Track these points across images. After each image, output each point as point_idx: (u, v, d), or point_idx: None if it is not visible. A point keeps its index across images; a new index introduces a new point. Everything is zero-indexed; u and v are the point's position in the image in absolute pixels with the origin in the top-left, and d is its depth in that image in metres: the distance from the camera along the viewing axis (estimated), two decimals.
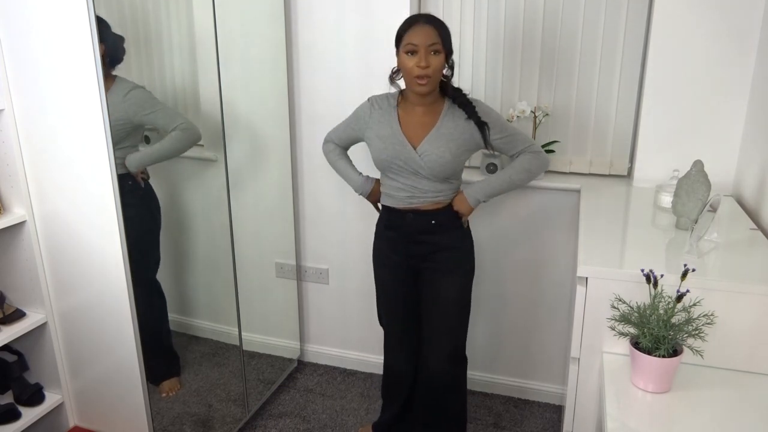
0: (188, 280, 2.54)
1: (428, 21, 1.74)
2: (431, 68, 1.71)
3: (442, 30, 1.73)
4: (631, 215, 1.96)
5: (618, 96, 2.28)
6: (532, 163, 1.88)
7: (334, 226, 2.64)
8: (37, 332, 2.05)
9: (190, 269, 2.50)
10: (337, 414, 2.50)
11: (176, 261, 2.48)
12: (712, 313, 1.36)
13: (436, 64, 1.72)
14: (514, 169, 1.88)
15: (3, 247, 2.00)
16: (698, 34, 2.02)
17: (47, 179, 1.89)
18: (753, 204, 1.90)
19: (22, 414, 2.02)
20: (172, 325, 2.48)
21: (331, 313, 2.79)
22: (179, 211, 2.43)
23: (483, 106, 1.86)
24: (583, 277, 1.48)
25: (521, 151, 1.88)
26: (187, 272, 2.52)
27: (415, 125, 1.84)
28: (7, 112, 1.84)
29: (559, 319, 2.45)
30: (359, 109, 1.96)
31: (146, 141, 2.28)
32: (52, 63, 1.73)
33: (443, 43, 1.72)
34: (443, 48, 1.73)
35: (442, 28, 1.74)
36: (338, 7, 2.35)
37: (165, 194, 2.38)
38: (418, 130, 1.83)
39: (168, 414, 2.28)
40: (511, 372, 2.59)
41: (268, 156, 2.48)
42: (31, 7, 1.70)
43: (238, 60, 2.19)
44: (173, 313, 2.48)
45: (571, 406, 1.59)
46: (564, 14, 2.25)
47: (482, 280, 2.49)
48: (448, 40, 1.76)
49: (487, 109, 1.87)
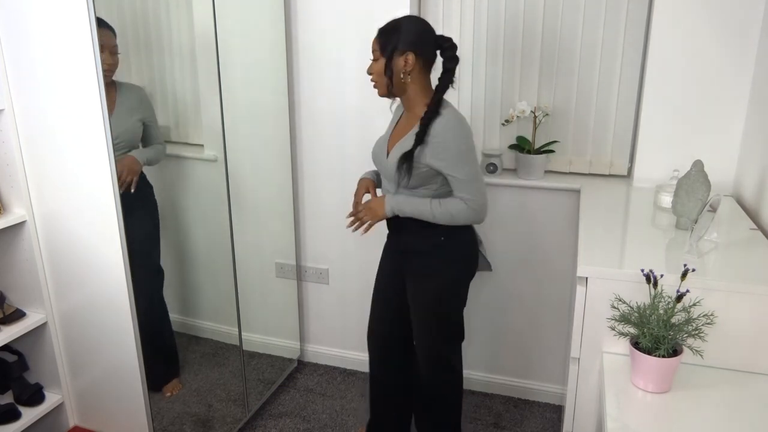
0: (188, 280, 2.54)
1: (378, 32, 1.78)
2: (373, 74, 1.77)
3: (381, 37, 1.75)
4: (631, 215, 1.96)
5: (618, 96, 2.28)
6: (461, 213, 1.73)
7: (334, 226, 2.64)
8: (37, 332, 2.05)
9: (190, 269, 2.50)
10: (337, 414, 2.50)
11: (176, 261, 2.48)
12: (712, 313, 1.36)
13: (375, 68, 1.76)
14: (442, 207, 1.74)
15: (3, 247, 2.00)
16: (698, 34, 2.02)
17: (47, 179, 1.89)
18: (753, 204, 1.90)
19: (22, 414, 2.02)
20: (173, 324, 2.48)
21: (331, 313, 2.79)
22: (179, 211, 2.43)
23: (451, 134, 1.68)
24: (583, 277, 1.48)
25: (461, 198, 1.73)
26: (187, 272, 2.52)
27: (397, 131, 1.86)
28: (7, 112, 1.83)
29: (559, 319, 2.45)
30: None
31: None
32: (52, 63, 1.73)
33: (381, 50, 1.74)
34: (381, 54, 1.74)
35: (381, 35, 1.75)
36: (338, 8, 2.35)
37: (165, 194, 2.38)
38: (396, 136, 1.84)
39: (168, 414, 2.28)
40: (511, 372, 2.59)
41: (268, 156, 2.48)
42: (31, 8, 1.70)
43: (238, 60, 2.19)
44: (173, 313, 2.49)
45: (571, 406, 1.59)
46: (564, 14, 2.25)
47: (482, 280, 2.49)
48: (388, 44, 1.72)
49: (451, 141, 1.68)
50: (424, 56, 1.74)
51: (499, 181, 2.35)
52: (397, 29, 1.73)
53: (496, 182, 2.35)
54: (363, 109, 2.41)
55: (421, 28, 1.75)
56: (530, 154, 2.33)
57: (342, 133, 2.49)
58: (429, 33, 1.75)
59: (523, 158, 2.33)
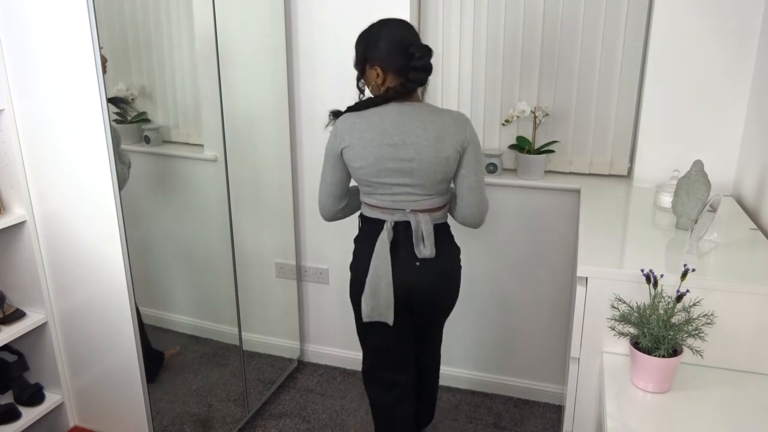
0: (188, 280, 2.54)
1: None
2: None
3: (355, 48, 1.75)
4: (631, 215, 1.96)
5: (618, 96, 2.28)
6: None
7: (334, 226, 2.63)
8: (37, 332, 2.05)
9: (190, 269, 2.49)
10: (337, 414, 2.50)
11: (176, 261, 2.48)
12: (712, 313, 1.36)
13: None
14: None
15: (3, 247, 2.00)
16: (698, 34, 2.02)
17: (47, 179, 1.89)
18: (753, 204, 1.90)
19: (22, 414, 2.02)
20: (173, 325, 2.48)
21: (331, 313, 2.79)
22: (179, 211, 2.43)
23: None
24: (583, 277, 1.48)
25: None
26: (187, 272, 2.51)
27: None
28: (7, 112, 1.83)
29: (559, 319, 2.45)
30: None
31: (146, 141, 2.28)
32: (52, 63, 1.73)
33: (354, 62, 1.76)
34: (354, 66, 1.77)
35: (355, 46, 1.75)
36: (338, 8, 2.35)
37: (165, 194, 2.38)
38: None
39: (168, 414, 2.28)
40: (511, 372, 2.59)
41: (268, 156, 2.48)
42: (32, 7, 1.70)
43: (238, 60, 2.19)
44: (174, 313, 2.48)
45: (571, 406, 1.59)
46: (564, 14, 2.25)
47: (482, 280, 2.49)
48: (358, 56, 1.74)
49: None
50: (393, 68, 1.68)
51: (499, 181, 2.35)
52: (367, 41, 1.70)
53: (496, 182, 2.35)
54: None
55: (391, 40, 1.67)
56: (530, 154, 2.33)
57: None
58: (399, 44, 1.66)
59: (523, 158, 2.33)
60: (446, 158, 1.67)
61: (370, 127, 1.66)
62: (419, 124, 1.66)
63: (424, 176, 1.67)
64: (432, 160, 1.65)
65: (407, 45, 1.67)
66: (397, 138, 1.65)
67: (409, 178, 1.68)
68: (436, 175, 1.68)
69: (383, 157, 1.66)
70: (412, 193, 1.70)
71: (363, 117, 1.69)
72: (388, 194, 1.71)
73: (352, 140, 1.68)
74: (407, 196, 1.70)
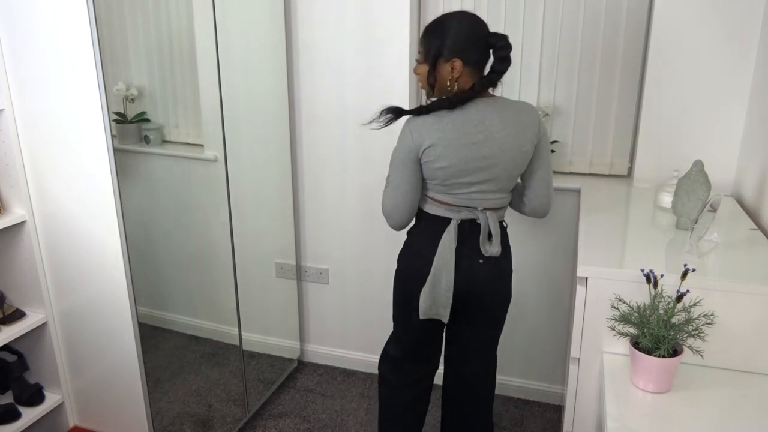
0: (188, 280, 2.54)
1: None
2: (419, 75, 1.69)
3: (424, 40, 1.65)
4: (631, 215, 1.96)
5: (618, 96, 2.28)
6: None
7: (334, 226, 2.64)
8: (37, 332, 2.05)
9: (190, 269, 2.49)
10: (337, 414, 2.50)
11: (176, 261, 2.48)
12: (712, 313, 1.36)
13: (420, 71, 1.68)
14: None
15: (3, 247, 1.99)
16: (698, 35, 2.02)
17: (47, 179, 1.89)
18: (753, 204, 1.90)
19: (22, 414, 2.02)
20: (173, 324, 2.49)
21: (331, 313, 2.79)
22: (179, 211, 2.43)
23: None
24: (583, 277, 1.48)
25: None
26: (187, 272, 2.51)
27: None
28: (7, 112, 1.83)
29: (559, 319, 2.45)
30: None
31: (146, 141, 2.28)
32: (52, 63, 1.73)
33: (424, 55, 1.65)
34: (424, 60, 1.65)
35: (425, 38, 1.65)
36: (338, 7, 2.35)
37: (165, 194, 2.38)
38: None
39: (168, 414, 2.28)
40: (511, 372, 2.59)
41: (268, 156, 2.48)
42: (32, 8, 1.70)
43: (238, 60, 2.19)
44: (173, 313, 2.49)
45: (571, 406, 1.59)
46: (564, 14, 2.25)
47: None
48: (431, 50, 1.62)
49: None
50: (472, 61, 1.61)
51: None
52: (442, 33, 1.60)
53: None
54: (363, 109, 2.41)
55: (469, 31, 1.60)
56: None
57: (342, 133, 2.49)
58: (479, 35, 1.61)
59: None
60: (525, 152, 1.65)
61: (452, 125, 1.60)
62: (499, 119, 1.61)
63: (503, 172, 1.64)
64: (513, 155, 1.63)
65: (486, 37, 1.61)
66: (480, 135, 1.60)
67: (488, 175, 1.64)
68: (515, 171, 1.67)
69: (468, 157, 1.60)
70: (487, 190, 1.67)
71: (440, 116, 1.61)
72: (464, 192, 1.66)
73: (434, 140, 1.60)
74: (482, 194, 1.67)
